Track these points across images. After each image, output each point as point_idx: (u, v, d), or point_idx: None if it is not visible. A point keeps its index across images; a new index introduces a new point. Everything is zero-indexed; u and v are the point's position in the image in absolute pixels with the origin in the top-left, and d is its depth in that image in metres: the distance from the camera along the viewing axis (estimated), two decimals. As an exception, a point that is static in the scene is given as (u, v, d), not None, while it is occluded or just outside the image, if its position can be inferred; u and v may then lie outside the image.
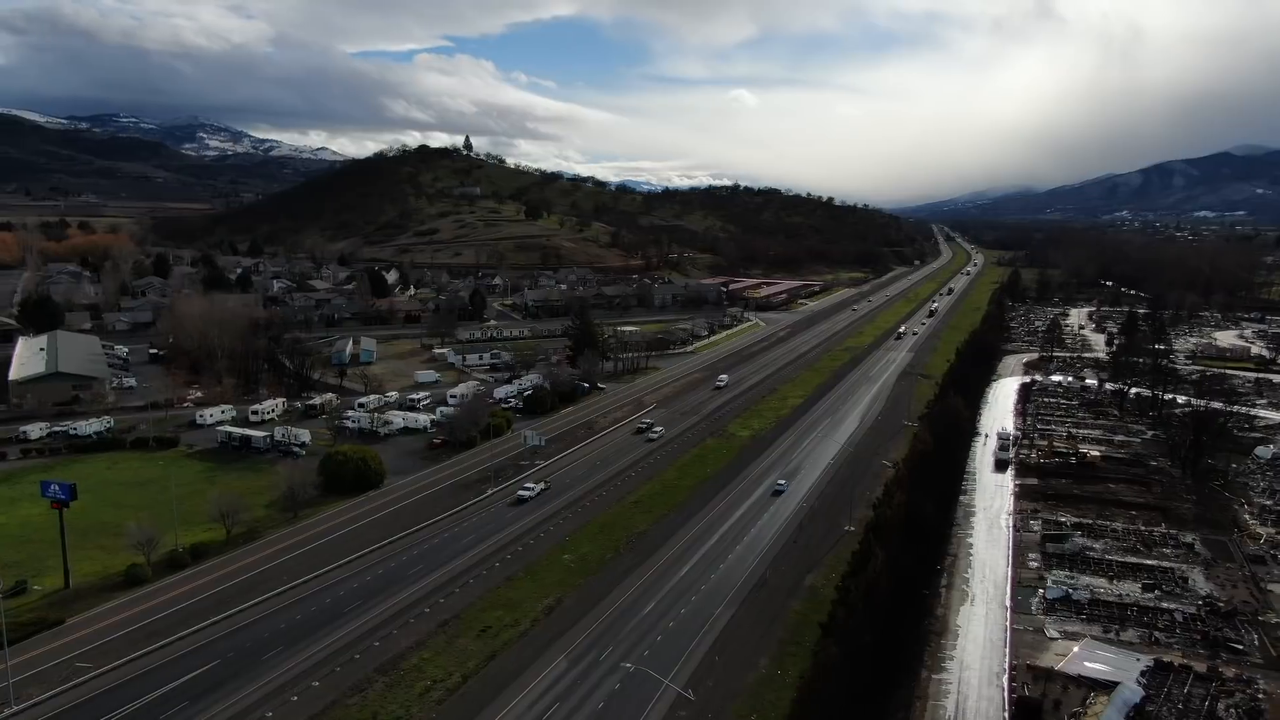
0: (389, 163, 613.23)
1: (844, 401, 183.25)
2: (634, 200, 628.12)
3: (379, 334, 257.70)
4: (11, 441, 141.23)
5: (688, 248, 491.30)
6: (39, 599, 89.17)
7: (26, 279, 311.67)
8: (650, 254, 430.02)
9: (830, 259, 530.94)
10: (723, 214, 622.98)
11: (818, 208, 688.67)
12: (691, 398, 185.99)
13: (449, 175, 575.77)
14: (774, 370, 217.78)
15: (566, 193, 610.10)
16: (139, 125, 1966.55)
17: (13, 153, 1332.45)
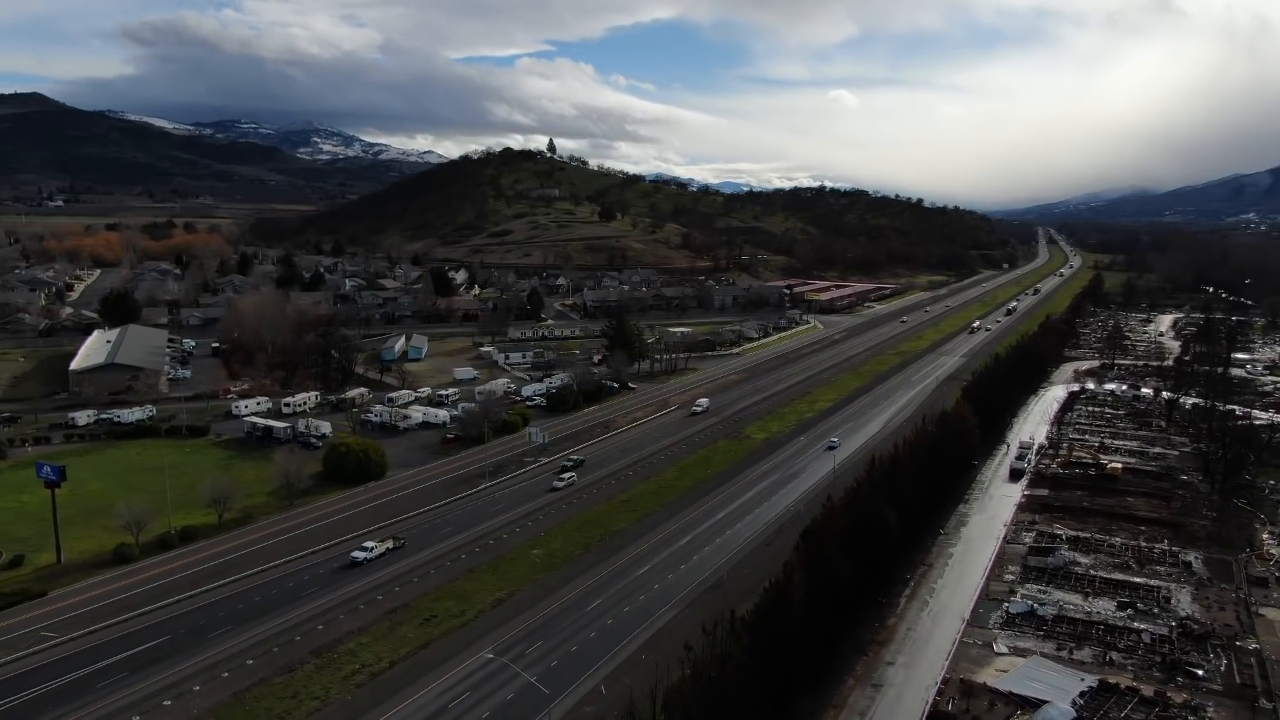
0: (473, 165, 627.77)
1: (874, 406, 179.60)
2: (714, 202, 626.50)
3: (436, 332, 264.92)
4: (60, 427, 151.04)
5: (763, 249, 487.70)
6: (31, 572, 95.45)
7: (120, 276, 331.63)
8: (719, 255, 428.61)
9: (913, 262, 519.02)
10: (805, 215, 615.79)
11: (905, 209, 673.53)
12: (719, 399, 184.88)
13: (530, 178, 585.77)
14: (813, 373, 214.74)
15: (646, 194, 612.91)
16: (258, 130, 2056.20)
17: (140, 157, 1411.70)
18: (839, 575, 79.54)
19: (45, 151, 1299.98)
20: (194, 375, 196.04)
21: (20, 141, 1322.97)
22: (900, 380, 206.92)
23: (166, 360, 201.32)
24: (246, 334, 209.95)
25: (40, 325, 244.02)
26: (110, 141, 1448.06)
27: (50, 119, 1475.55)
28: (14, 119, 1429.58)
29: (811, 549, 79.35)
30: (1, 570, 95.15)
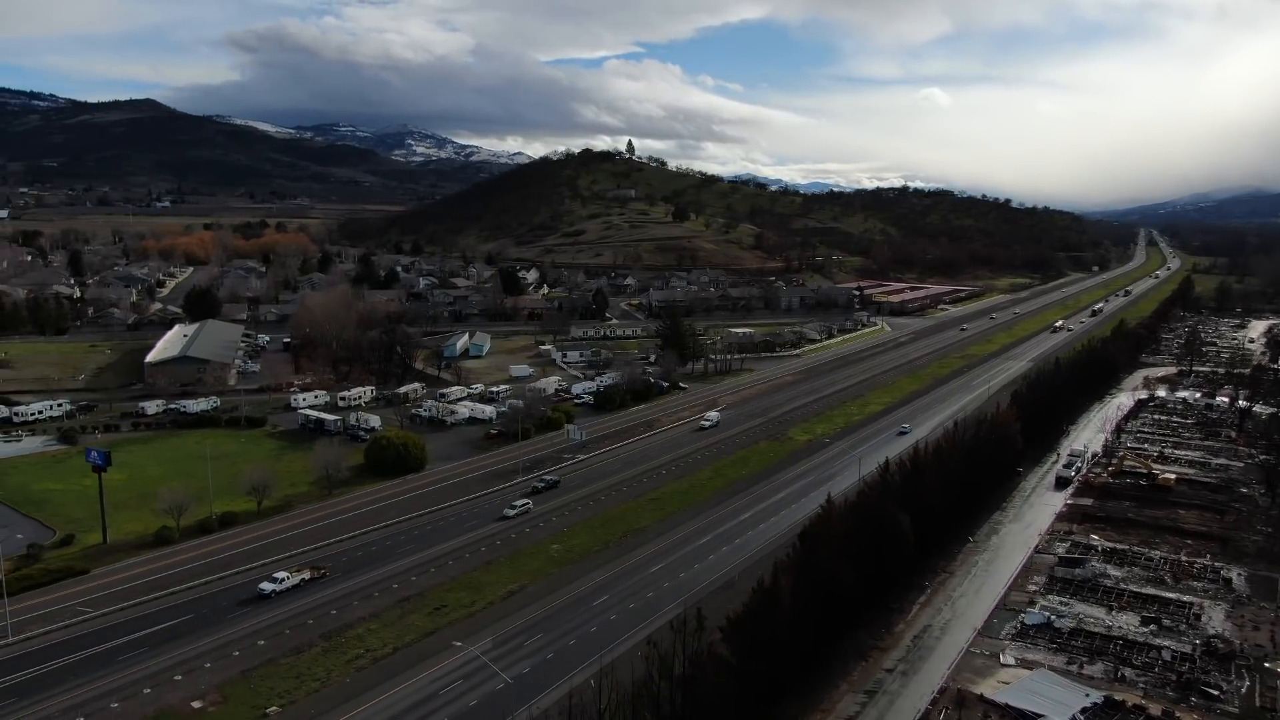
0: (552, 166, 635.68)
1: (926, 410, 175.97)
2: (792, 202, 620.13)
3: (501, 330, 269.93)
4: (131, 416, 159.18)
5: (839, 250, 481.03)
6: (79, 550, 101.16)
7: (208, 273, 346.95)
8: (791, 256, 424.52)
9: (995, 264, 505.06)
10: (885, 216, 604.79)
11: (990, 210, 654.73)
12: (767, 400, 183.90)
13: (607, 178, 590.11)
14: (870, 376, 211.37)
15: (723, 195, 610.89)
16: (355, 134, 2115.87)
17: (243, 160, 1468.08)
18: (837, 578, 78.69)
19: (156, 154, 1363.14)
20: (263, 369, 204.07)
21: (134, 145, 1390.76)
22: (960, 384, 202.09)
23: (238, 354, 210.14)
24: (314, 330, 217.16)
25: (129, 320, 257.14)
26: (216, 145, 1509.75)
27: (161, 124, 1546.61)
28: (129, 124, 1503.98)
29: (808, 550, 78.63)
30: (53, 548, 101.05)
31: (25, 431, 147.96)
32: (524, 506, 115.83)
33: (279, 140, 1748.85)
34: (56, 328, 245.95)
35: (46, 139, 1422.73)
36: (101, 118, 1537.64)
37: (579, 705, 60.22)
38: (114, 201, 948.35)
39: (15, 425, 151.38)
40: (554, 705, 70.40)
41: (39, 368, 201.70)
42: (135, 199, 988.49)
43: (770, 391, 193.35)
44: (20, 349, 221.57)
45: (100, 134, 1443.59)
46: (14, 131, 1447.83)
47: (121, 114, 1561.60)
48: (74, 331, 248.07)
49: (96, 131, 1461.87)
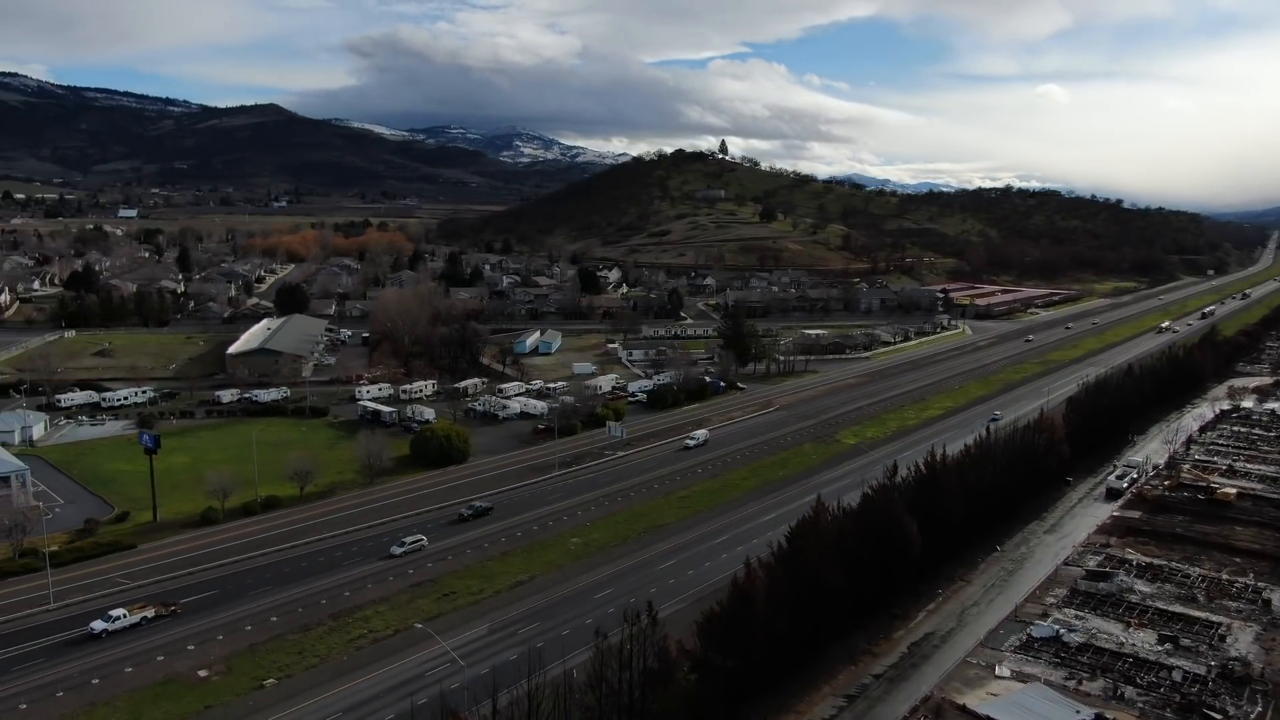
0: (644, 167, 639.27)
1: (988, 416, 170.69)
2: (887, 202, 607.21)
3: (575, 328, 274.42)
4: (207, 403, 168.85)
5: (932, 252, 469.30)
6: (131, 527, 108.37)
7: (305, 270, 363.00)
8: (878, 257, 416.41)
9: (1100, 266, 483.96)
10: (986, 217, 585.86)
11: (1100, 210, 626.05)
12: (823, 402, 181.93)
13: (698, 179, 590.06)
14: (937, 380, 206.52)
15: (817, 195, 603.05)
16: (466, 136, 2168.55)
17: (358, 161, 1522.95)
18: (824, 579, 78.09)
19: (277, 157, 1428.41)
20: (339, 362, 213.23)
21: (257, 148, 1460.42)
22: (1030, 390, 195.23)
23: (317, 347, 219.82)
24: (389, 325, 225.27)
25: (225, 313, 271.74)
26: (333, 147, 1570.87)
27: (283, 127, 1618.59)
28: (253, 128, 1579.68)
29: (795, 550, 78.29)
30: (109, 523, 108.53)
31: (109, 416, 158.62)
32: (415, 544, 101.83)
33: (392, 142, 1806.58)
34: (159, 320, 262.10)
35: (179, 142, 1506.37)
36: (228, 122, 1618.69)
37: (539, 692, 61.63)
38: (235, 201, 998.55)
39: (103, 410, 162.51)
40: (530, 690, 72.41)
41: (137, 357, 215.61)
42: (254, 199, 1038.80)
43: (829, 393, 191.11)
44: (123, 339, 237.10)
45: (227, 137, 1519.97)
46: (150, 136, 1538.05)
47: (247, 118, 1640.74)
48: (174, 324, 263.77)
49: (224, 135, 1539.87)
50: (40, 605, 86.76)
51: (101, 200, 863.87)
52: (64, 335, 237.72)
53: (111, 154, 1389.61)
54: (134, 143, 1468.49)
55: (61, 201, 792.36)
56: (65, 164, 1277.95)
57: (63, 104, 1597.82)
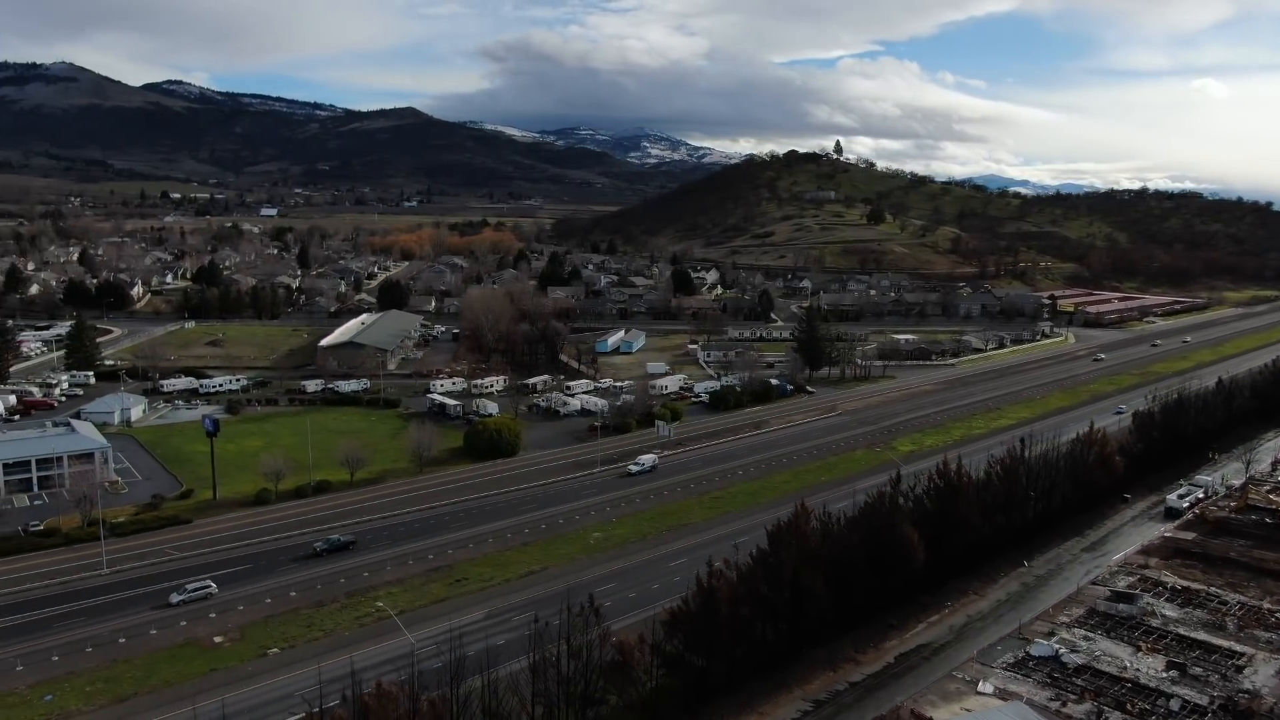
0: (754, 168, 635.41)
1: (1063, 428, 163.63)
2: (1007, 204, 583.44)
3: (662, 328, 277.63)
4: (293, 393, 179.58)
5: (1050, 256, 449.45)
6: (193, 504, 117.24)
7: (414, 267, 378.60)
8: (988, 261, 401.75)
9: (1239, 273, 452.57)
10: (1115, 220, 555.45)
11: (1246, 213, 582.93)
12: (890, 408, 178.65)
13: (809, 180, 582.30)
14: (1018, 389, 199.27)
15: (933, 197, 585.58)
16: (594, 137, 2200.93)
17: (488, 162, 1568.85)
18: (803, 584, 78.14)
19: (413, 158, 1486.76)
20: (425, 356, 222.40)
21: (395, 150, 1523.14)
22: (1119, 403, 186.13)
23: (407, 342, 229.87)
24: (475, 322, 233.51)
25: (331, 308, 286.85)
26: (465, 149, 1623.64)
27: (419, 130, 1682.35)
28: (391, 130, 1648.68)
29: (773, 552, 78.61)
30: (174, 500, 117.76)
31: (202, 401, 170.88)
32: (199, 591, 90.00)
33: (522, 144, 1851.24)
34: (271, 313, 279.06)
35: (323, 145, 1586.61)
36: (369, 125, 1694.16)
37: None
38: (369, 201, 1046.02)
39: (199, 396, 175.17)
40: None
41: (244, 347, 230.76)
42: (387, 199, 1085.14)
43: (899, 400, 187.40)
44: (236, 330, 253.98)
45: (367, 139, 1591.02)
46: (297, 138, 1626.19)
47: (386, 121, 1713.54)
48: (285, 317, 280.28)
49: (364, 137, 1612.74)
50: (94, 570, 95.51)
51: (247, 200, 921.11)
52: (184, 326, 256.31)
53: (262, 156, 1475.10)
54: (283, 145, 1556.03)
55: (211, 201, 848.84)
56: (221, 165, 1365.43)
57: (221, 109, 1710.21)
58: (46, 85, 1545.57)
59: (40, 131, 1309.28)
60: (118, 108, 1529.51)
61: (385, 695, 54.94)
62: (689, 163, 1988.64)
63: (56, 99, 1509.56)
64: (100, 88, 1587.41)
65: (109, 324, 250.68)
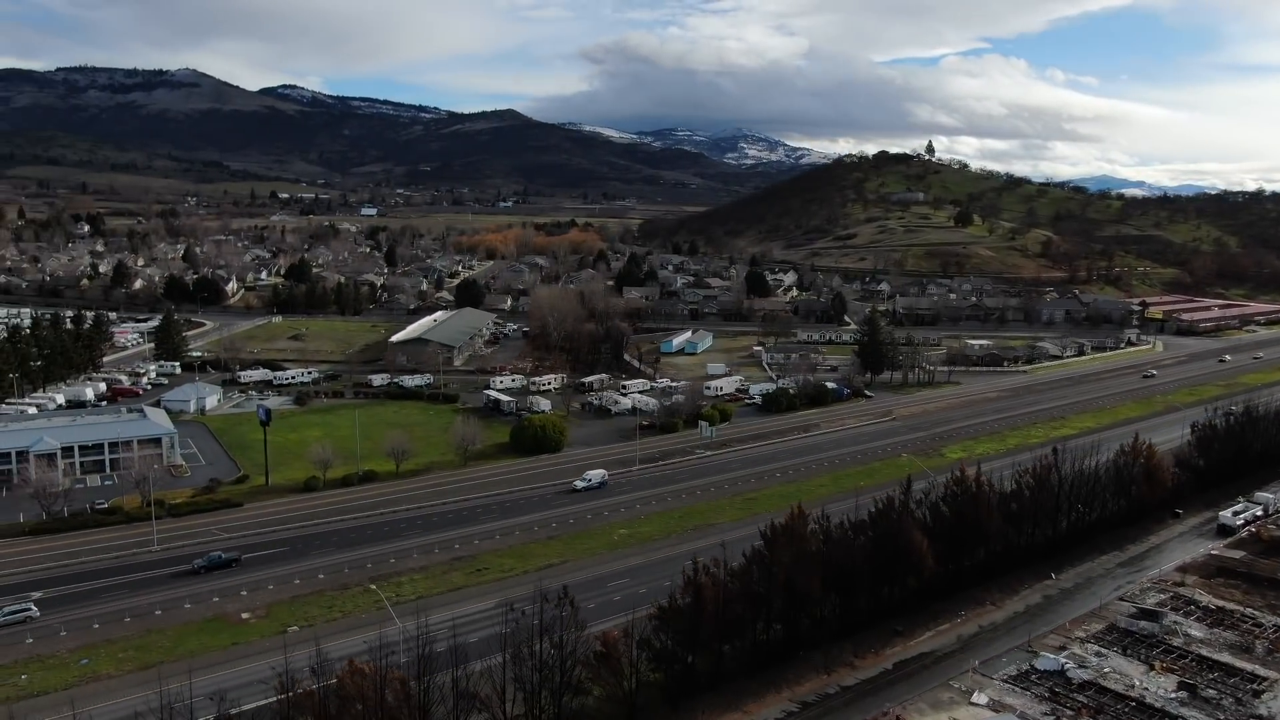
0: (842, 169, 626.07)
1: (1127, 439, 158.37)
2: (1108, 207, 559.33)
3: (732, 330, 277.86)
4: (360, 386, 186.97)
5: (1150, 261, 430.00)
6: (247, 489, 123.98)
7: (496, 266, 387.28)
8: (1079, 265, 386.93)
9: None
10: (1227, 224, 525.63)
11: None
12: (947, 415, 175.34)
13: (898, 181, 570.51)
14: (1089, 398, 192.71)
15: (1028, 198, 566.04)
16: (692, 138, 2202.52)
17: (585, 163, 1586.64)
18: (797, 585, 78.51)
19: (511, 159, 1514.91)
20: (494, 353, 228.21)
21: (494, 151, 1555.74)
22: (1193, 416, 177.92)
23: (477, 339, 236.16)
24: (543, 321, 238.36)
25: (410, 305, 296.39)
26: (562, 150, 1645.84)
27: (518, 131, 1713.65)
28: (491, 132, 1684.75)
29: (769, 553, 79.21)
30: (229, 484, 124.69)
31: (273, 392, 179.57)
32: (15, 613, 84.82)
33: (619, 145, 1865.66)
34: (354, 309, 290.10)
35: (426, 146, 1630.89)
36: (470, 127, 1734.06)
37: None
38: (466, 201, 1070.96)
39: (272, 387, 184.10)
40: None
41: (323, 342, 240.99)
42: (484, 199, 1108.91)
43: (959, 406, 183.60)
44: (319, 326, 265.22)
45: (468, 141, 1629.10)
46: (401, 140, 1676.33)
47: (486, 123, 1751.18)
48: (367, 313, 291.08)
49: (465, 139, 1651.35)
50: (145, 547, 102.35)
51: (350, 199, 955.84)
52: (271, 320, 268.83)
53: (368, 157, 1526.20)
54: (387, 146, 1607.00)
55: (315, 200, 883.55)
56: (329, 166, 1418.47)
57: (330, 112, 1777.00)
58: (171, 91, 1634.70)
59: (164, 134, 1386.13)
60: (235, 111, 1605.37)
61: (357, 672, 58.04)
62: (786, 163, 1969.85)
63: (180, 103, 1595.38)
64: (220, 92, 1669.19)
65: (203, 317, 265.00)
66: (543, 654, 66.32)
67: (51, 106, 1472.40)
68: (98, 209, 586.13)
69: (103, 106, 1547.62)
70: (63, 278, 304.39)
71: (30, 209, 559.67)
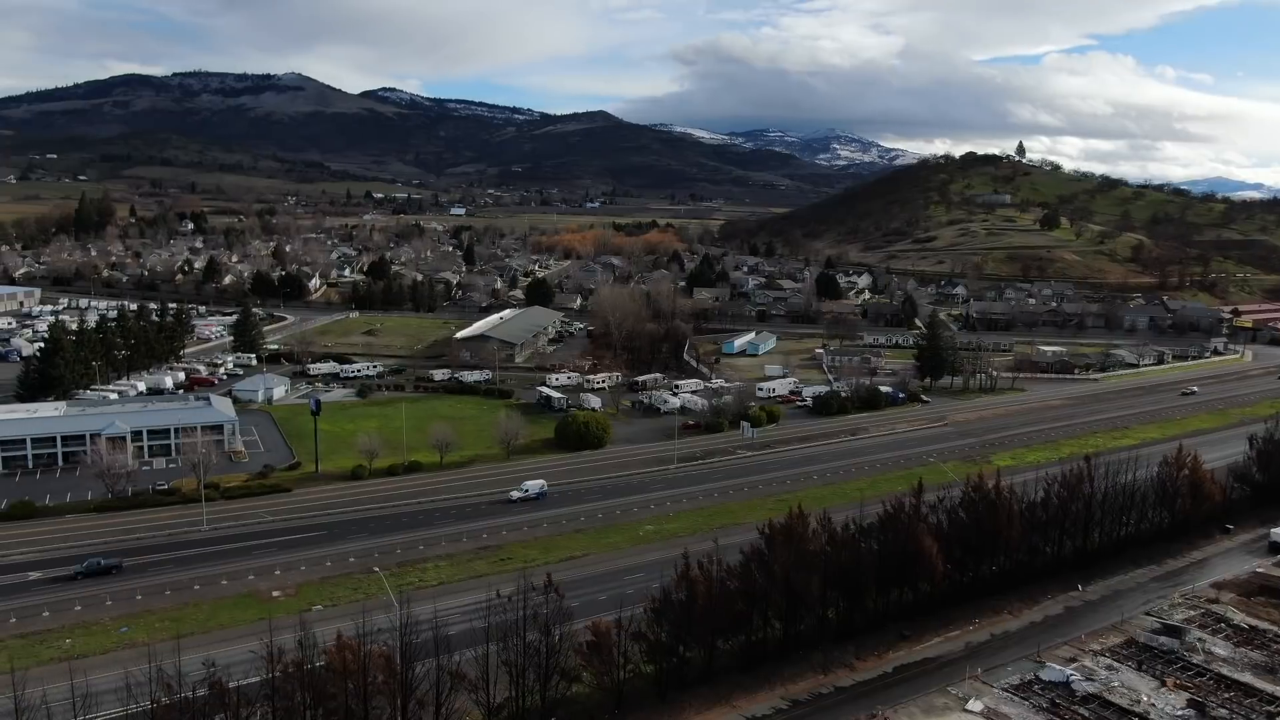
0: (927, 170, 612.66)
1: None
2: (1210, 210, 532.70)
3: (799, 331, 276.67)
4: (422, 380, 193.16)
5: (1252, 267, 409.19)
6: (298, 475, 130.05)
7: (572, 266, 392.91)
8: (1170, 271, 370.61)
9: None
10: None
11: None
12: (1003, 422, 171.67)
13: (985, 183, 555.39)
14: (1159, 409, 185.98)
15: (1124, 201, 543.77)
16: (784, 139, 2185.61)
17: (674, 164, 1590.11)
18: (795, 585, 79.11)
19: (601, 160, 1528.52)
20: (556, 352, 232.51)
21: (584, 152, 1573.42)
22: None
23: (541, 337, 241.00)
24: (604, 320, 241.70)
25: (483, 303, 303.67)
26: (651, 151, 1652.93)
27: (608, 132, 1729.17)
28: (582, 133, 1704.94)
29: (768, 552, 79.99)
30: (282, 470, 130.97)
31: (339, 385, 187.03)
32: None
33: (708, 146, 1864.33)
34: (428, 306, 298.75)
35: (518, 147, 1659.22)
36: (561, 128, 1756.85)
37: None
38: (553, 202, 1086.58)
39: (339, 379, 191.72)
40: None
41: (394, 337, 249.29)
42: (571, 200, 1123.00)
43: (1018, 414, 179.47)
44: (393, 322, 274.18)
45: (559, 142, 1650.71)
46: (495, 141, 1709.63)
47: (577, 125, 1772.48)
48: (440, 310, 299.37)
49: (556, 140, 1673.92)
50: (195, 527, 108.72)
51: (441, 199, 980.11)
52: (348, 316, 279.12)
53: (462, 158, 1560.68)
54: (481, 148, 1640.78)
55: (408, 200, 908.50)
56: (424, 167, 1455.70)
57: (427, 114, 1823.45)
58: (278, 94, 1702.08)
59: (270, 136, 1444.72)
60: (338, 114, 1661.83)
61: (344, 646, 61.42)
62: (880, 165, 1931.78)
63: (285, 106, 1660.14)
64: (323, 95, 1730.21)
65: (285, 312, 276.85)
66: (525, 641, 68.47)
67: (168, 110, 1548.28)
68: (202, 207, 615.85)
69: (214, 110, 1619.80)
70: (160, 272, 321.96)
71: (141, 207, 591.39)
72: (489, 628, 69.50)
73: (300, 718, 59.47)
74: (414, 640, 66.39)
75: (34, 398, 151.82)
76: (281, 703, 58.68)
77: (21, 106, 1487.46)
